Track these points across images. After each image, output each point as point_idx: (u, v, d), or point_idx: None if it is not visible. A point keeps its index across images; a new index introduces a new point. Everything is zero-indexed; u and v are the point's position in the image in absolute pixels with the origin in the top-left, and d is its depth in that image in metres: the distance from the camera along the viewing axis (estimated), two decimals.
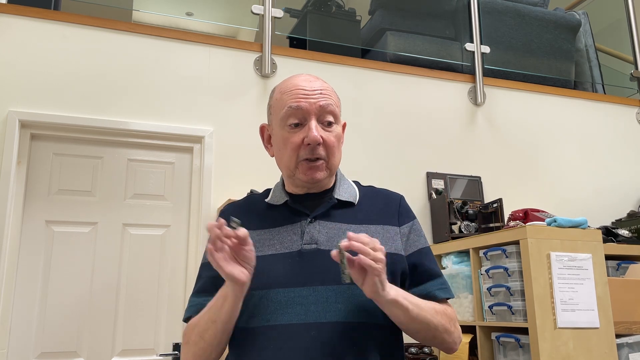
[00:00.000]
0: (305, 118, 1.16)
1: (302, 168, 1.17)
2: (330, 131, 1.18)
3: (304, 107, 1.16)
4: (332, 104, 1.18)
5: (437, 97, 3.27)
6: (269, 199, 1.25)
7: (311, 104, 1.16)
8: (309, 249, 1.14)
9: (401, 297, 1.06)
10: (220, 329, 1.08)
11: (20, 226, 2.44)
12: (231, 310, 1.06)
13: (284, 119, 1.18)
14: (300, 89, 1.18)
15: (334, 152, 1.18)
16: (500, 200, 2.79)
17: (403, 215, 1.26)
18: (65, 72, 2.60)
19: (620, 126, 3.68)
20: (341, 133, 1.23)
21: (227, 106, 2.82)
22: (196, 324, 1.12)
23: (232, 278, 1.01)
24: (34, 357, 2.37)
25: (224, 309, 1.06)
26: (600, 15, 4.56)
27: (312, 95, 1.17)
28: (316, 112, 1.16)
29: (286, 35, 3.45)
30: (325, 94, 1.18)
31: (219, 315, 1.07)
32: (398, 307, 1.05)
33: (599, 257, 2.14)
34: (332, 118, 1.18)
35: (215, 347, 1.10)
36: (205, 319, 1.10)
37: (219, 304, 1.07)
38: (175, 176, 2.74)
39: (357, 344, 1.08)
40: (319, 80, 1.21)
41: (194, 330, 1.11)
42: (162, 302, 2.59)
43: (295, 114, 1.16)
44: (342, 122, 1.27)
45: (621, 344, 2.13)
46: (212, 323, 1.08)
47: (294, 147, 1.16)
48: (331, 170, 1.20)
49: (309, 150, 1.15)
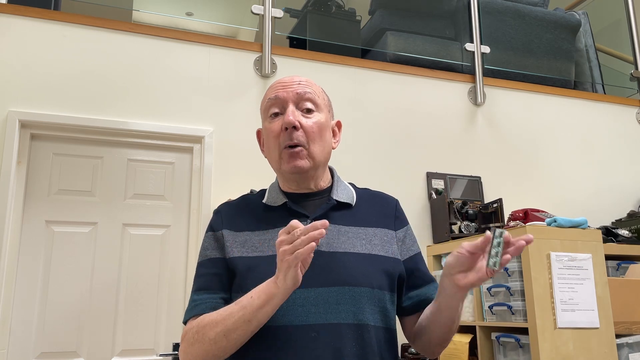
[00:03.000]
0: (284, 106, 1.19)
1: (285, 157, 1.18)
2: (309, 117, 1.19)
3: (282, 96, 1.19)
4: (311, 92, 1.20)
5: (437, 97, 3.27)
6: (266, 199, 1.24)
7: (288, 92, 1.19)
8: None
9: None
10: (252, 329, 1.04)
11: (20, 226, 2.45)
12: (272, 311, 1.03)
13: (266, 112, 1.22)
14: (280, 82, 1.23)
15: (315, 139, 1.18)
16: (500, 200, 2.79)
17: (399, 220, 1.28)
18: (65, 72, 2.60)
19: (620, 126, 3.68)
20: (325, 123, 1.22)
21: (227, 106, 2.82)
22: (218, 322, 1.05)
23: (297, 281, 0.98)
24: (34, 357, 2.37)
25: (265, 309, 1.02)
26: (600, 15, 4.57)
27: (290, 85, 1.21)
28: (293, 99, 1.19)
29: (286, 35, 3.45)
30: (304, 84, 1.21)
31: (255, 315, 1.02)
32: (462, 302, 1.10)
33: (599, 257, 2.14)
34: (310, 105, 1.20)
35: (234, 348, 1.06)
36: (235, 318, 1.03)
37: (257, 303, 1.02)
38: (175, 176, 2.74)
39: (357, 346, 1.08)
40: (301, 77, 1.24)
41: (214, 329, 1.05)
42: (162, 302, 2.59)
43: (275, 104, 1.20)
44: (336, 120, 1.30)
45: (621, 344, 2.13)
46: (245, 323, 1.03)
47: (275, 134, 1.18)
48: (314, 161, 1.18)
49: (287, 135, 1.16)
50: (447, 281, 1.07)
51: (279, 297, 1.00)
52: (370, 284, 1.12)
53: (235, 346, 1.06)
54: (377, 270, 1.15)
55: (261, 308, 1.02)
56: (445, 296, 1.10)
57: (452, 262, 1.05)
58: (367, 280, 1.12)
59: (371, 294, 1.12)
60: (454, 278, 1.05)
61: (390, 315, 1.17)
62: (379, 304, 1.13)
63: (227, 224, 1.21)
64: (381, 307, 1.14)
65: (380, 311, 1.14)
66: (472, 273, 1.03)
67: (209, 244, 1.21)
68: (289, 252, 0.95)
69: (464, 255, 1.03)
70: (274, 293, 1.00)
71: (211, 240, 1.21)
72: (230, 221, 1.22)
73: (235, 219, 1.22)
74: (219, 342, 1.05)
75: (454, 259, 1.04)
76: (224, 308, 1.08)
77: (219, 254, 1.19)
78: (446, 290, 1.08)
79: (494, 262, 0.97)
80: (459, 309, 1.11)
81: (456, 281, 1.04)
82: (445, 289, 1.09)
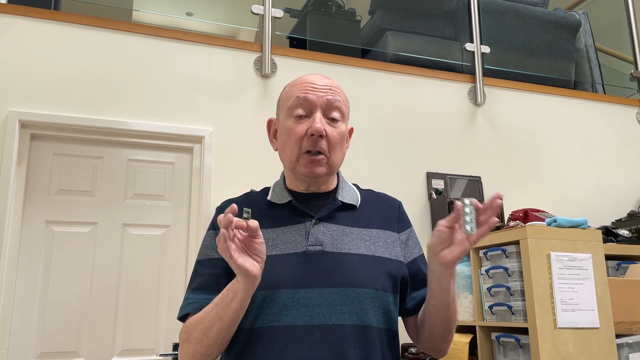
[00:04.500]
0: (311, 110, 1.17)
1: (303, 161, 1.17)
2: (334, 127, 1.18)
3: (311, 99, 1.17)
4: (340, 101, 1.19)
5: (437, 97, 3.27)
6: (270, 197, 1.24)
7: (318, 96, 1.17)
8: (314, 250, 1.14)
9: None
10: (226, 326, 1.05)
11: (20, 226, 2.45)
12: (240, 306, 1.04)
13: (290, 110, 1.19)
14: (310, 82, 1.19)
15: (336, 148, 1.18)
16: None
17: (402, 222, 1.28)
18: (65, 72, 2.60)
19: (620, 126, 3.68)
20: (346, 133, 1.22)
21: (227, 106, 2.82)
22: (199, 321, 1.08)
23: (244, 271, 0.98)
24: (34, 357, 2.37)
25: (232, 305, 1.03)
26: (600, 15, 4.56)
27: (320, 89, 1.18)
28: (322, 106, 1.17)
29: (286, 35, 3.45)
30: (334, 90, 1.19)
31: (226, 312, 1.04)
32: (453, 281, 1.10)
33: (599, 257, 2.14)
34: (337, 115, 1.18)
35: (218, 346, 1.08)
36: (210, 316, 1.06)
37: (227, 300, 1.04)
38: (175, 176, 2.74)
39: (360, 347, 1.09)
40: (330, 79, 1.23)
41: (196, 328, 1.08)
42: (162, 302, 2.59)
43: (302, 105, 1.17)
44: (350, 126, 1.28)
45: (621, 344, 2.13)
46: (219, 320, 1.05)
47: (297, 137, 1.16)
48: (331, 168, 1.19)
49: (311, 142, 1.15)
50: (434, 261, 1.08)
51: (242, 291, 1.01)
52: (374, 286, 1.12)
53: (216, 344, 1.07)
54: (381, 272, 1.15)
55: (229, 304, 1.03)
56: (435, 279, 1.10)
57: (435, 241, 1.06)
58: (371, 282, 1.12)
59: (375, 295, 1.12)
60: (439, 257, 1.05)
61: (393, 317, 1.17)
62: (383, 305, 1.14)
63: None
64: (384, 308, 1.14)
65: (384, 313, 1.14)
66: (455, 246, 1.04)
67: (209, 243, 1.21)
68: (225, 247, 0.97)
69: (443, 232, 1.05)
70: (237, 288, 1.02)
71: (212, 239, 1.21)
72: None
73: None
74: (202, 341, 1.07)
75: (435, 237, 1.06)
76: (206, 307, 1.09)
77: (219, 254, 1.18)
78: (435, 272, 1.09)
79: (470, 227, 1.02)
80: (451, 291, 1.11)
81: (442, 259, 1.05)
82: (433, 271, 1.09)
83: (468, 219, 1.02)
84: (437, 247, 1.05)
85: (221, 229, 0.96)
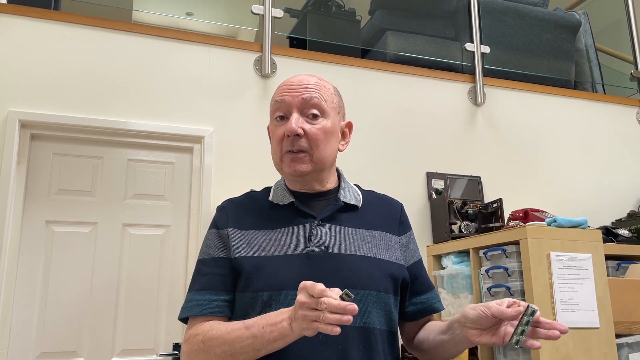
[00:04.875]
0: (289, 111, 1.19)
1: (286, 160, 1.19)
2: (314, 124, 1.18)
3: (287, 101, 1.19)
4: (317, 97, 1.19)
5: (437, 97, 3.27)
6: (272, 197, 1.24)
7: (294, 97, 1.19)
8: (317, 251, 1.14)
9: None
10: (260, 356, 1.04)
11: (20, 226, 2.45)
12: (284, 345, 1.01)
13: (272, 113, 1.23)
14: (288, 84, 1.22)
15: (319, 144, 1.18)
16: (500, 200, 2.79)
17: (403, 225, 1.28)
18: (65, 72, 2.60)
19: (620, 126, 3.68)
20: (333, 128, 1.21)
21: (227, 106, 2.82)
22: (225, 340, 1.05)
23: (311, 333, 0.94)
24: (34, 357, 2.37)
25: (276, 344, 1.00)
26: (600, 15, 4.56)
27: (296, 89, 1.20)
28: (298, 105, 1.18)
29: (286, 35, 3.45)
30: (312, 88, 1.20)
31: (265, 347, 1.01)
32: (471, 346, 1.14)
33: (599, 257, 2.14)
34: (316, 111, 1.19)
35: None
36: (245, 344, 1.03)
37: (270, 337, 1.00)
38: (175, 176, 2.74)
39: (363, 349, 1.09)
40: (313, 77, 1.22)
41: (220, 345, 1.05)
42: (162, 302, 2.59)
43: (280, 108, 1.20)
44: (347, 121, 1.29)
45: (621, 344, 2.13)
46: (254, 351, 1.02)
47: (278, 139, 1.20)
48: (317, 164, 1.19)
49: (289, 142, 1.17)
50: (460, 330, 1.06)
51: (292, 338, 0.99)
52: (377, 288, 1.13)
53: None
54: (383, 274, 1.15)
55: (272, 342, 1.00)
56: (454, 340, 1.10)
57: (472, 318, 1.03)
58: (374, 283, 1.13)
59: (377, 297, 1.13)
60: (467, 332, 1.04)
61: (394, 318, 1.18)
62: (385, 307, 1.14)
63: (233, 222, 1.21)
64: (386, 310, 1.14)
65: (385, 314, 1.14)
66: (488, 335, 1.02)
67: (212, 242, 1.20)
68: (312, 318, 0.91)
69: (487, 317, 1.01)
70: (288, 334, 0.98)
71: (215, 238, 1.20)
72: (235, 219, 1.21)
73: (241, 217, 1.22)
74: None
75: (475, 315, 1.02)
76: (232, 325, 1.06)
77: (223, 253, 1.18)
78: (457, 336, 1.09)
79: (517, 339, 0.95)
80: (465, 349, 1.12)
81: (469, 336, 1.04)
82: (456, 334, 1.09)
83: (520, 330, 0.95)
84: (471, 323, 1.03)
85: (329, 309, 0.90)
